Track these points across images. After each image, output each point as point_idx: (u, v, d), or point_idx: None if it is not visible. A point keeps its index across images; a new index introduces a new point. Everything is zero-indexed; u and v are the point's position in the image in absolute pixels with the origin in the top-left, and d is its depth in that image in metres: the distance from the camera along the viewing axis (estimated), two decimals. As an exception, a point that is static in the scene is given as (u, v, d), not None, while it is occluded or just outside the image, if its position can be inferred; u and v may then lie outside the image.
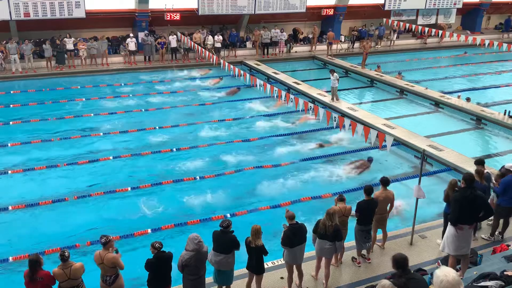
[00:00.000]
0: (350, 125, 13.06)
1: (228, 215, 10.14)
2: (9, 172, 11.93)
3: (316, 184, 11.96)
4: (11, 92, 18.42)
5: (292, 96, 15.93)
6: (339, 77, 17.82)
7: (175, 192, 11.38)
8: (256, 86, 17.55)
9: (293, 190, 11.54)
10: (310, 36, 26.67)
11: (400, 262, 5.48)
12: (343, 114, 15.84)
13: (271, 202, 10.86)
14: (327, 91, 18.80)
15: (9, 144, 13.61)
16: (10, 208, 10.26)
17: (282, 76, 21.37)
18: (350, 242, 8.42)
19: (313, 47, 26.54)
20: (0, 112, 16.24)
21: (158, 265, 6.60)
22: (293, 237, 7.17)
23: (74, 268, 6.32)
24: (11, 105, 16.96)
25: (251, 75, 18.89)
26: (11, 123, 15.18)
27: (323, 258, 7.64)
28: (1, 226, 9.74)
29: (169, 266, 6.71)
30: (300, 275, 7.60)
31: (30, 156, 12.95)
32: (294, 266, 7.47)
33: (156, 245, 6.60)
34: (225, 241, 6.88)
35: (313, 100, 18.03)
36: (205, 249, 6.71)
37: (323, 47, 26.12)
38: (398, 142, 13.97)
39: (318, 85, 20.15)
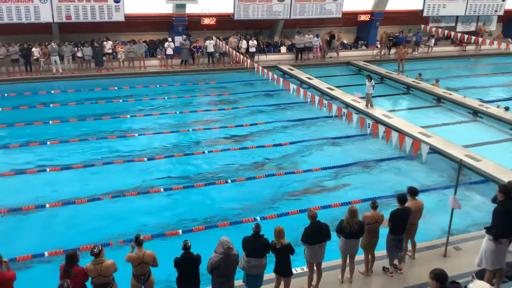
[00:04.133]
0: (384, 132, 12.85)
1: (258, 218, 10.16)
2: (48, 170, 12.31)
3: (346, 190, 11.82)
4: (52, 92, 19.03)
5: (325, 102, 15.82)
6: (374, 83, 17.59)
7: (206, 194, 11.48)
8: (290, 90, 17.54)
9: (324, 196, 11.44)
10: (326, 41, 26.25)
11: (440, 276, 5.43)
12: (378, 121, 15.61)
13: (300, 206, 10.81)
14: (361, 97, 18.59)
15: (48, 142, 14.06)
16: (47, 205, 10.58)
17: (315, 81, 21.27)
18: (381, 251, 8.26)
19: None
20: (41, 111, 16.80)
21: (185, 265, 6.67)
22: (313, 235, 7.28)
23: (105, 265, 6.46)
24: (51, 105, 17.54)
25: (284, 79, 18.88)
26: (50, 122, 15.68)
27: (347, 257, 7.74)
28: (37, 222, 10.04)
29: (195, 267, 6.76)
30: (319, 274, 7.65)
31: (68, 154, 13.33)
32: (315, 264, 7.54)
33: (187, 245, 6.69)
34: (258, 245, 6.91)
35: (347, 106, 17.86)
36: (235, 253, 6.73)
37: (359, 53, 25.82)
38: (434, 151, 13.64)
39: (352, 91, 19.93)
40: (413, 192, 8.18)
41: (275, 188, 11.87)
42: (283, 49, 26.04)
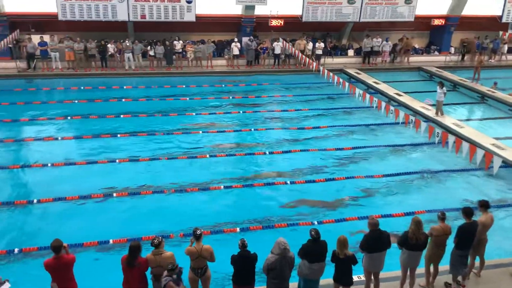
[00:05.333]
0: (454, 142, 12.27)
1: (316, 223, 10.05)
2: (117, 161, 12.91)
3: (409, 200, 11.39)
4: (124, 87, 19.96)
5: (392, 108, 15.36)
6: (446, 90, 16.83)
7: (265, 194, 11.52)
8: (355, 95, 17.21)
9: (385, 204, 11.11)
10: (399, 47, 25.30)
11: None
12: (447, 130, 14.92)
13: (359, 213, 10.55)
14: (431, 105, 17.85)
15: (118, 135, 14.74)
16: (114, 195, 11.08)
17: (383, 86, 20.70)
18: (444, 266, 7.86)
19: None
20: (113, 105, 17.65)
21: (241, 263, 6.73)
22: (374, 243, 7.09)
23: (164, 256, 6.66)
24: (123, 99, 18.38)
25: (350, 83, 18.54)
26: (121, 116, 16.43)
27: (408, 270, 7.48)
28: (104, 210, 10.55)
29: (251, 266, 6.80)
30: (377, 284, 7.44)
31: (136, 147, 13.90)
32: (372, 274, 7.36)
33: (244, 243, 6.75)
34: (318, 249, 6.84)
35: (415, 113, 17.21)
36: (291, 255, 6.70)
37: (431, 58, 24.83)
38: (507, 165, 12.81)
39: (422, 98, 19.20)
40: (485, 205, 7.75)
41: (334, 192, 11.68)
42: (351, 52, 25.60)
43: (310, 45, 23.44)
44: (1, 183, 11.74)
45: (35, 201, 10.66)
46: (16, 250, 8.89)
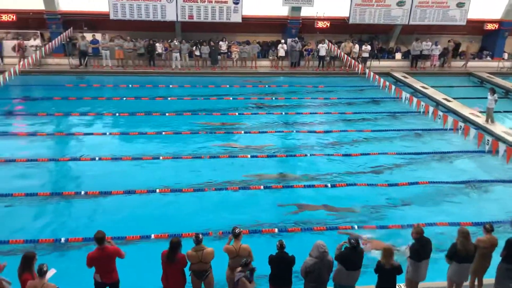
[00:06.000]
0: (505, 151, 11.75)
1: (356, 227, 9.90)
2: (160, 157, 13.19)
3: (455, 209, 11.00)
4: (170, 86, 20.37)
5: (440, 113, 14.89)
6: (497, 97, 16.15)
7: (304, 196, 11.43)
8: (401, 99, 16.81)
9: (429, 213, 10.77)
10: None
11: None
12: (498, 138, 14.31)
13: (402, 220, 10.28)
14: (481, 112, 17.17)
15: (163, 132, 15.07)
16: (157, 191, 11.33)
17: (430, 91, 20.12)
18: (489, 279, 7.54)
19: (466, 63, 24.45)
20: (159, 103, 18.06)
21: (279, 264, 6.72)
22: (422, 250, 6.97)
23: (206, 252, 6.77)
24: (169, 98, 18.77)
25: (396, 87, 18.11)
26: (167, 114, 16.78)
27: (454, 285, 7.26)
28: (147, 205, 10.81)
29: (289, 267, 6.78)
30: None
31: (179, 145, 14.15)
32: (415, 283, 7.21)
33: (282, 244, 6.73)
34: (356, 257, 6.77)
35: (464, 119, 16.61)
36: (330, 259, 6.63)
37: (482, 63, 23.91)
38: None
39: (472, 104, 18.50)
40: None
41: (376, 197, 11.45)
42: (398, 55, 25.06)
43: (356, 48, 23.11)
44: (51, 174, 12.30)
45: (82, 193, 11.07)
46: (62, 239, 9.26)
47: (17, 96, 18.37)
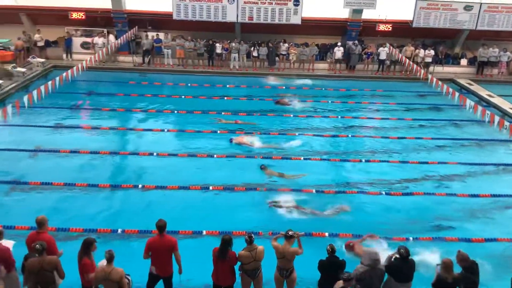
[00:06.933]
0: None
1: (411, 239, 9.58)
2: (215, 156, 13.38)
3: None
4: (227, 86, 20.65)
5: (507, 123, 14.10)
6: None
7: (356, 202, 11.21)
8: (465, 107, 16.10)
9: (490, 227, 10.23)
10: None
11: None
12: None
13: (461, 233, 9.84)
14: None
15: (218, 131, 15.29)
16: (210, 188, 11.52)
17: (497, 100, 19.12)
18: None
19: None
20: (216, 103, 18.33)
21: (329, 268, 6.63)
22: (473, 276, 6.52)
23: (258, 250, 6.85)
24: (225, 98, 19.03)
25: (460, 94, 17.34)
26: (222, 113, 17.03)
27: None
28: (200, 202, 11.01)
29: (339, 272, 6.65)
30: None
31: (234, 144, 14.31)
32: None
33: (333, 249, 6.65)
34: (406, 268, 6.55)
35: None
36: (382, 268, 6.46)
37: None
38: None
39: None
40: None
41: (433, 208, 11.03)
42: (463, 61, 23.98)
43: (420, 52, 22.37)
44: (111, 167, 12.83)
45: (139, 186, 11.47)
46: (119, 230, 9.63)
47: (83, 90, 19.32)
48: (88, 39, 22.78)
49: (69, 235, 9.31)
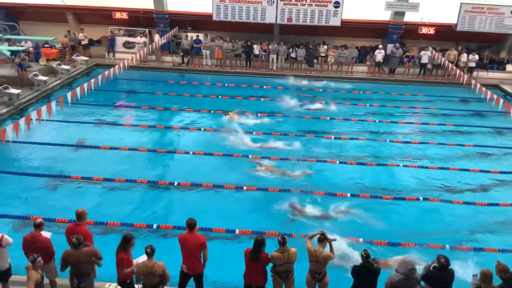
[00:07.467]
0: None
1: (447, 247, 9.30)
2: (250, 156, 13.40)
3: None
4: (264, 87, 20.64)
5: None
6: None
7: (393, 208, 11.02)
8: (510, 114, 15.51)
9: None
10: None
11: None
12: None
13: (502, 244, 9.48)
14: None
15: (253, 132, 15.27)
16: (244, 188, 11.56)
17: (545, 108, 18.28)
18: None
19: None
20: (252, 103, 18.35)
21: (363, 274, 6.52)
22: None
23: (291, 252, 6.82)
24: (262, 99, 19.04)
25: (505, 101, 16.69)
26: (258, 114, 17.01)
27: None
28: (235, 202, 11.07)
29: (374, 279, 6.56)
30: None
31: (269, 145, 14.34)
32: None
33: (368, 254, 6.54)
34: (444, 278, 6.35)
35: None
36: (417, 277, 6.30)
37: None
38: None
39: None
40: None
41: (472, 217, 10.69)
42: (509, 67, 23.08)
43: (464, 57, 21.71)
44: (149, 164, 13.10)
45: (175, 183, 11.65)
46: (154, 225, 9.80)
47: (125, 89, 19.81)
48: (131, 39, 23.35)
49: (107, 228, 9.56)
